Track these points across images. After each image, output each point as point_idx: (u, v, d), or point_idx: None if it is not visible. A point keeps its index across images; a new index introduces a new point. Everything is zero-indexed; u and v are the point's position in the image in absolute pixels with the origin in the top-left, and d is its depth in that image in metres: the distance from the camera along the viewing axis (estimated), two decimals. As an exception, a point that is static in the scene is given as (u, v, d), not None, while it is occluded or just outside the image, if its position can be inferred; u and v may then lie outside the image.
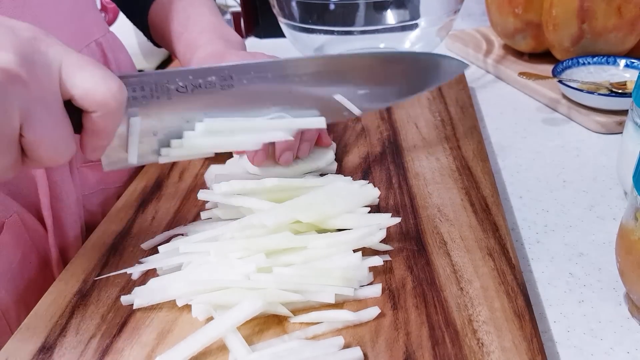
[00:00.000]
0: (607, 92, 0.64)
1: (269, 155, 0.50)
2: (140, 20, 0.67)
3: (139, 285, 0.40)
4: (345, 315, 0.35)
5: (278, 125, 0.42)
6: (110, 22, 1.21)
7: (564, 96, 0.68)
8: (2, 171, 0.30)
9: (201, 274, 0.38)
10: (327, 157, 0.52)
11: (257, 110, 0.42)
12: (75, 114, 0.32)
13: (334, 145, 0.55)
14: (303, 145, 0.51)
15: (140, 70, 0.65)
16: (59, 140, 0.31)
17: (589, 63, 0.71)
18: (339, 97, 0.45)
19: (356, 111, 0.46)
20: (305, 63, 0.43)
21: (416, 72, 0.48)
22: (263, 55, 0.52)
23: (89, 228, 0.53)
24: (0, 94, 0.28)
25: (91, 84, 0.31)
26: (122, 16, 1.62)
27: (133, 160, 0.38)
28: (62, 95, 0.31)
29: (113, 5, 1.59)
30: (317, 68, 0.44)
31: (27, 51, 0.30)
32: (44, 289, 0.41)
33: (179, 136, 0.39)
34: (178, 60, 0.63)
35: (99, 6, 1.20)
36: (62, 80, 0.31)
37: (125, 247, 0.45)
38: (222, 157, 0.53)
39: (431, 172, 0.51)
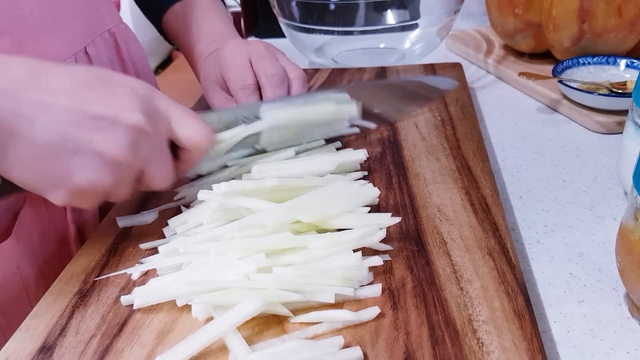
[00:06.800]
0: (607, 92, 0.64)
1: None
2: (155, 23, 0.71)
3: (139, 285, 0.40)
4: (345, 315, 0.35)
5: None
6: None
7: (564, 96, 0.68)
8: (122, 197, 0.39)
9: (201, 274, 0.38)
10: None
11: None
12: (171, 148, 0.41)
13: (337, 143, 0.55)
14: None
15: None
16: (167, 172, 0.40)
17: (589, 63, 0.71)
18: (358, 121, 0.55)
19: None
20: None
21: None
22: (259, 42, 0.58)
23: (105, 207, 0.54)
24: (134, 146, 0.36)
25: (193, 132, 0.40)
26: (124, 12, 1.63)
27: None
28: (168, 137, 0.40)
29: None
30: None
31: (148, 108, 0.37)
32: (61, 265, 0.42)
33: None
34: (192, 68, 0.67)
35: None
36: (171, 127, 0.39)
37: (125, 247, 0.45)
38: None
39: (431, 172, 0.51)
